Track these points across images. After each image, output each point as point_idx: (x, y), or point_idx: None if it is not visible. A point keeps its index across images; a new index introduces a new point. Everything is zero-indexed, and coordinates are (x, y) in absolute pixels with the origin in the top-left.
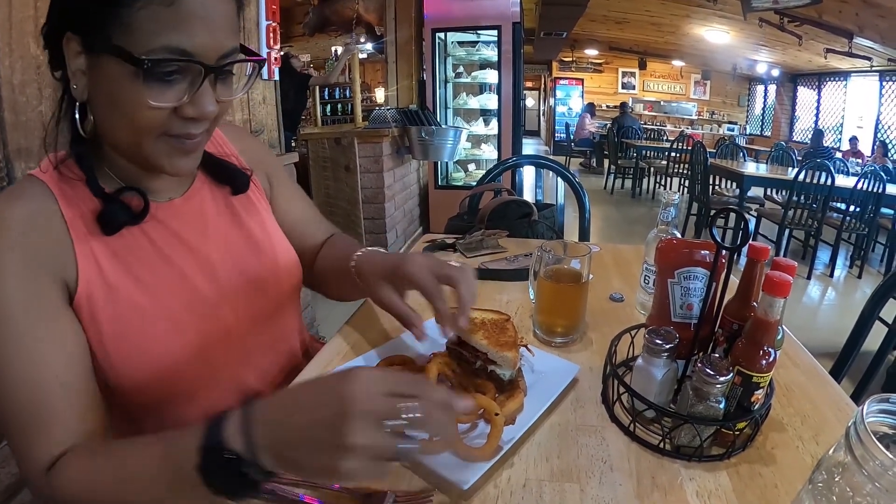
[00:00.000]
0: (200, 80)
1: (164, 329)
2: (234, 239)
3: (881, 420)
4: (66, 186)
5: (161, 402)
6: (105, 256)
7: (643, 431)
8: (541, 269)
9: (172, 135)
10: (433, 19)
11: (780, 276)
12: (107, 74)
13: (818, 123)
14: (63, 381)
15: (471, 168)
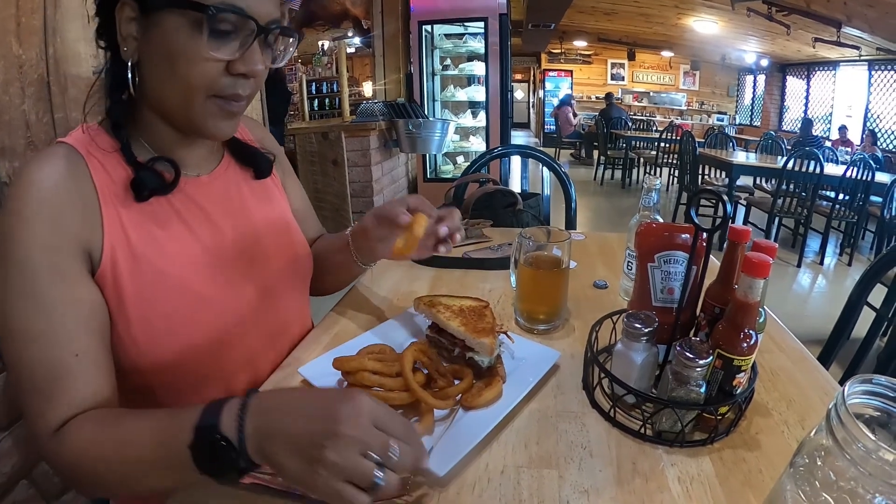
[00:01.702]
0: (252, 38)
1: (187, 301)
2: (255, 221)
3: (866, 402)
4: (97, 154)
5: (177, 381)
6: (132, 225)
7: (624, 417)
8: (521, 257)
9: (221, 96)
10: (420, 12)
11: (760, 256)
12: (164, 30)
13: (807, 113)
14: (78, 348)
15: (459, 160)
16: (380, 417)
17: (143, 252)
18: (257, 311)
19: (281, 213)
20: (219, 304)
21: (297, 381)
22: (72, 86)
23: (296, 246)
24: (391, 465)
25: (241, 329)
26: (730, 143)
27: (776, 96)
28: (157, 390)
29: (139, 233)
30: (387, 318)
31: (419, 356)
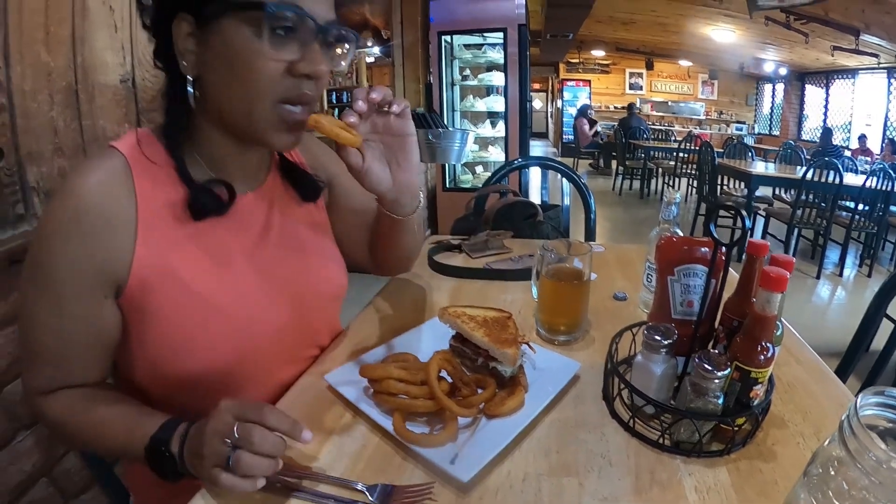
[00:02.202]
0: (312, 37)
1: (213, 322)
2: (295, 244)
3: (879, 413)
4: (146, 166)
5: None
6: (170, 243)
7: (643, 427)
8: (543, 269)
9: (287, 100)
10: (439, 22)
11: (777, 271)
12: (224, 37)
13: (827, 122)
14: (80, 352)
15: (478, 170)
16: (235, 410)
17: (176, 270)
18: (285, 332)
19: (323, 239)
20: (249, 324)
21: (322, 387)
22: (99, 94)
23: (331, 269)
24: (242, 444)
25: (267, 349)
26: (748, 154)
27: (795, 105)
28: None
29: (179, 251)
30: (410, 328)
31: (444, 365)
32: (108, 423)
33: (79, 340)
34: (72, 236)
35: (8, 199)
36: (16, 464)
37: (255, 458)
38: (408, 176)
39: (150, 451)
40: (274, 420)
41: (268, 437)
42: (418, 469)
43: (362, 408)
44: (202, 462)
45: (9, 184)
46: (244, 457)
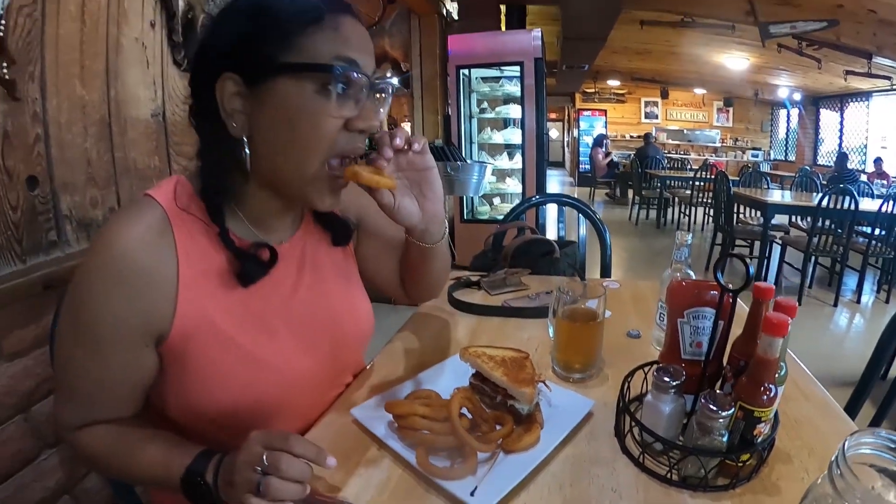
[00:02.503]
0: (366, 93)
1: (247, 367)
2: (326, 292)
3: (877, 454)
4: (185, 219)
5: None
6: (209, 295)
7: (652, 463)
8: (559, 309)
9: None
10: (457, 56)
11: (778, 316)
12: (280, 96)
13: (842, 145)
14: (115, 394)
15: (496, 202)
16: (264, 440)
17: (215, 322)
18: (317, 375)
19: (349, 277)
20: (285, 372)
21: (348, 421)
22: (131, 127)
23: (360, 311)
24: (271, 471)
25: (299, 391)
26: (764, 181)
27: (810, 130)
28: (200, 433)
29: (215, 303)
30: (432, 364)
31: (465, 403)
32: (143, 455)
33: (116, 383)
34: (114, 291)
35: (42, 227)
36: (40, 481)
37: (284, 483)
38: (434, 206)
39: (186, 482)
40: (300, 448)
41: (295, 464)
42: (440, 500)
43: (387, 441)
44: (234, 490)
45: (43, 211)
46: (273, 482)
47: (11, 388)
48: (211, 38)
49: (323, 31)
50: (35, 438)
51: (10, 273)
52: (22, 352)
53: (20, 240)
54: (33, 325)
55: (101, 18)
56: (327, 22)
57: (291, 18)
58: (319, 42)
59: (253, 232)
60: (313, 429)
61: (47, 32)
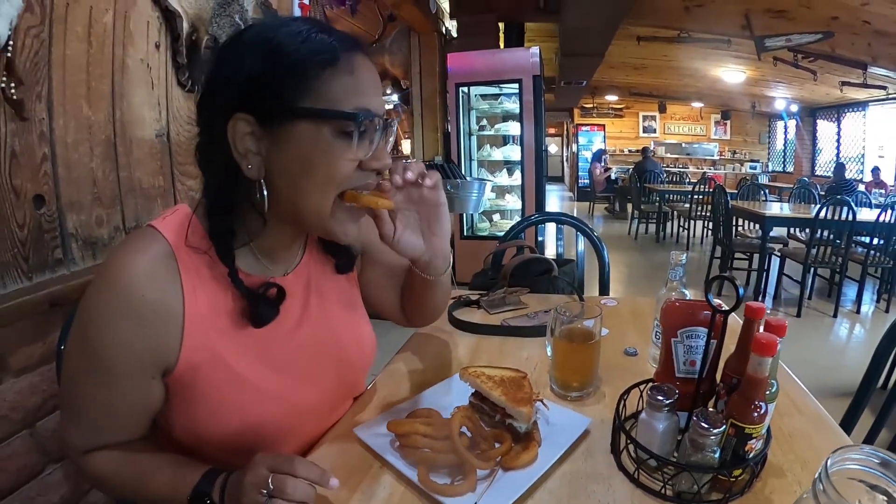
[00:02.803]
0: (379, 135)
1: (254, 398)
2: (330, 320)
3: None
4: (190, 253)
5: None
6: (215, 329)
7: (647, 479)
8: (556, 329)
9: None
10: (456, 74)
11: (767, 336)
12: (297, 141)
13: (839, 155)
14: (123, 422)
15: (496, 218)
16: (269, 463)
17: (221, 355)
18: (327, 402)
19: (353, 303)
20: (290, 401)
21: (352, 439)
22: (136, 147)
23: (364, 339)
24: (276, 494)
25: (303, 416)
26: (762, 193)
27: (807, 141)
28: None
29: (221, 338)
30: (432, 383)
31: (465, 422)
32: (151, 478)
33: (123, 410)
34: (121, 322)
35: (48, 245)
36: (44, 495)
37: None
38: (441, 242)
39: (194, 502)
40: (304, 471)
41: (299, 486)
42: None
43: (389, 459)
44: None
45: (49, 230)
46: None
47: (18, 404)
48: (220, 75)
49: (339, 76)
50: (40, 453)
51: (16, 290)
52: (28, 368)
53: (27, 257)
54: (40, 342)
55: (108, 40)
56: (342, 64)
57: (307, 61)
58: (337, 87)
59: (262, 264)
60: (318, 447)
61: (54, 53)
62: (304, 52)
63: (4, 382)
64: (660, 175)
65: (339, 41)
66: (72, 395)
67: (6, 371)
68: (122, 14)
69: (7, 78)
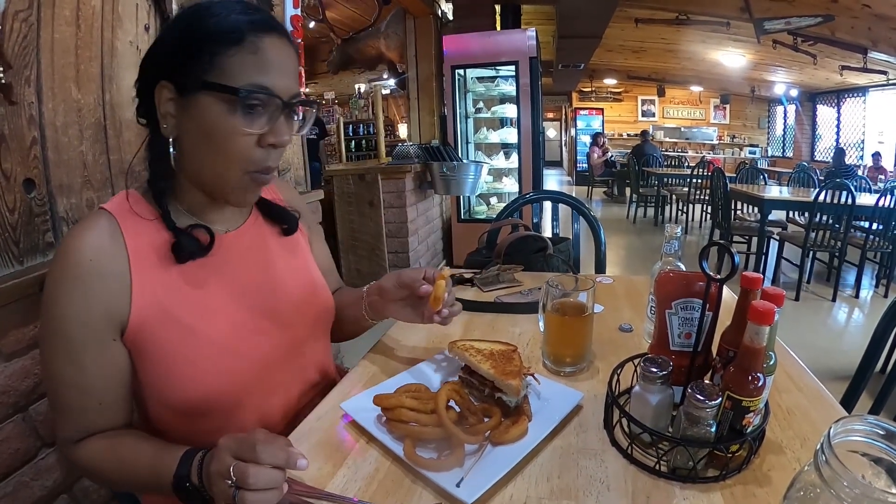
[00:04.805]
0: (279, 112)
1: (211, 352)
2: (280, 273)
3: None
4: (134, 221)
5: (195, 426)
6: (162, 285)
7: (641, 454)
8: (548, 303)
9: (253, 171)
10: (452, 56)
11: (764, 304)
12: (201, 110)
13: (839, 141)
14: (101, 398)
15: (493, 201)
16: (233, 449)
17: (171, 310)
18: (280, 357)
19: (305, 265)
20: (243, 353)
21: (339, 414)
22: (126, 129)
23: (318, 296)
24: (240, 484)
25: (267, 374)
26: (761, 177)
27: (807, 126)
28: (179, 431)
29: (169, 292)
30: (422, 360)
31: (452, 395)
32: (132, 464)
33: (97, 386)
34: (74, 293)
35: (39, 228)
36: (38, 479)
37: (257, 495)
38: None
39: (176, 489)
40: (268, 456)
41: (262, 474)
42: (427, 491)
43: (375, 434)
44: (215, 498)
45: (40, 213)
46: (247, 496)
47: (9, 388)
48: (155, 45)
49: (241, 54)
50: (33, 437)
51: (7, 274)
52: (19, 352)
53: (17, 241)
54: (31, 326)
55: (96, 23)
56: (248, 44)
57: (213, 38)
58: (237, 65)
59: (194, 221)
60: (304, 422)
61: (43, 37)
62: (213, 29)
63: None
64: (658, 159)
65: (251, 22)
66: (51, 383)
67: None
68: None
69: None
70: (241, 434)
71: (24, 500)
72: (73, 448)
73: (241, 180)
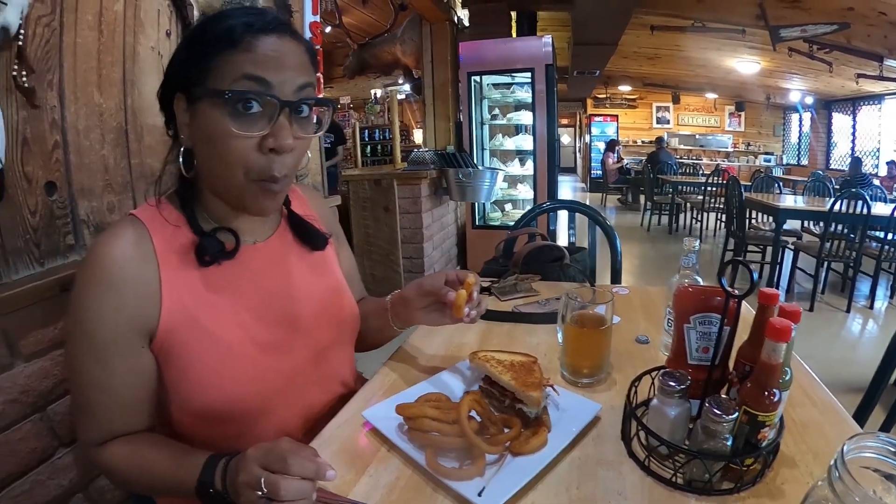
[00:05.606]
0: (277, 113)
1: (235, 361)
2: (305, 285)
3: (877, 458)
4: (163, 226)
5: (216, 431)
6: (189, 290)
7: (658, 466)
8: (567, 315)
9: (258, 179)
10: (469, 62)
11: (781, 322)
12: (204, 117)
13: (855, 149)
14: (126, 400)
15: (507, 208)
16: (262, 460)
17: (197, 316)
18: (304, 369)
19: (332, 277)
20: (267, 364)
21: (360, 422)
22: (147, 134)
23: (344, 308)
24: (271, 496)
25: (290, 383)
26: (776, 186)
27: (822, 134)
28: (202, 436)
29: (195, 298)
30: (441, 368)
31: (474, 406)
32: (154, 469)
33: (123, 392)
34: (104, 299)
35: (60, 231)
36: (54, 478)
37: None
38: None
39: (199, 494)
40: (297, 468)
41: (293, 486)
42: (447, 501)
43: (397, 443)
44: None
45: (61, 216)
46: None
47: (29, 388)
48: (171, 58)
49: (234, 54)
50: (51, 437)
51: (28, 276)
52: (39, 352)
53: (38, 243)
54: (51, 327)
55: (118, 28)
56: (243, 45)
57: (208, 44)
58: (231, 67)
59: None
60: (325, 429)
61: (65, 41)
62: (212, 35)
63: (16, 367)
64: (673, 166)
65: (247, 24)
66: (76, 385)
67: (17, 355)
68: (133, 2)
69: (18, 66)
70: (268, 444)
71: (40, 499)
72: (95, 451)
73: (249, 188)
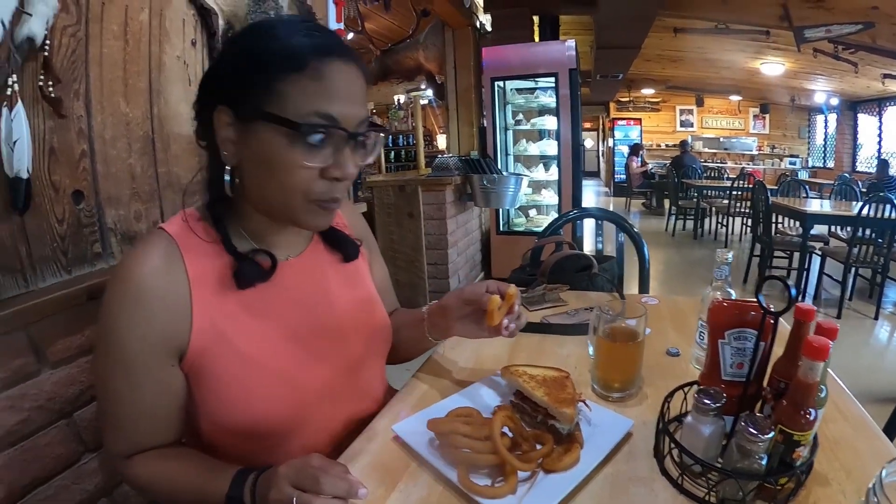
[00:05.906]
0: (344, 144)
1: (265, 379)
2: (338, 300)
3: None
4: (194, 243)
5: (252, 443)
6: (220, 310)
7: (690, 484)
8: (599, 328)
9: (318, 200)
10: (491, 68)
11: (819, 340)
12: (260, 139)
13: (881, 150)
14: (154, 415)
15: (532, 214)
16: (293, 478)
17: (229, 336)
18: (337, 384)
19: (365, 291)
20: (298, 381)
21: (389, 436)
22: (173, 143)
23: (377, 322)
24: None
25: (320, 400)
26: (802, 190)
27: (848, 135)
28: (231, 449)
29: (227, 318)
30: (470, 381)
31: (506, 422)
32: (183, 482)
33: (152, 407)
34: (134, 316)
35: (87, 239)
36: (79, 483)
37: None
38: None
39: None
40: (329, 487)
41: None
42: None
43: (428, 458)
44: None
45: (88, 224)
46: None
47: (55, 394)
48: (213, 67)
49: (304, 81)
50: (76, 443)
51: (56, 283)
52: (66, 360)
53: (66, 251)
54: (78, 335)
55: (144, 37)
56: (310, 70)
57: (273, 64)
58: (299, 93)
59: (254, 245)
60: (355, 442)
61: (91, 51)
62: (273, 54)
63: (42, 373)
64: (698, 170)
65: (314, 46)
66: (105, 400)
67: (44, 362)
68: (158, 12)
69: (45, 76)
70: (298, 461)
71: (65, 503)
72: (123, 463)
73: (308, 207)
